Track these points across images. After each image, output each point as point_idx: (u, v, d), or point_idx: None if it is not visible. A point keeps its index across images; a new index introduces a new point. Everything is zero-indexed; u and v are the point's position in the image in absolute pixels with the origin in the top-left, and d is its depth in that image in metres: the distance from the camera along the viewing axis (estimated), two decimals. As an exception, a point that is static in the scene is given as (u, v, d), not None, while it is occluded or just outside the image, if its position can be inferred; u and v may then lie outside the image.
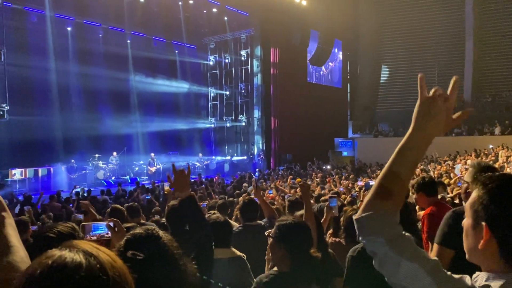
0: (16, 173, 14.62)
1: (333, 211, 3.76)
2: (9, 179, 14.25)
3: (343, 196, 7.88)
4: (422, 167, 15.22)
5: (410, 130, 1.16)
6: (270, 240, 2.27)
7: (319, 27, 24.77)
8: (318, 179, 13.82)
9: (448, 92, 1.15)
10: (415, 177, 3.88)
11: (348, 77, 30.79)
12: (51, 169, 15.76)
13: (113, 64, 19.13)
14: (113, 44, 19.48)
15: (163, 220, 4.59)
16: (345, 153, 25.47)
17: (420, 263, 1.05)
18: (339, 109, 27.90)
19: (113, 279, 0.76)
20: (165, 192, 7.67)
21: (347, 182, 12.22)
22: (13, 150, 15.17)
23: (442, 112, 1.14)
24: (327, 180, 12.53)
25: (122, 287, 0.78)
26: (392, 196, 1.13)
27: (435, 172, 12.46)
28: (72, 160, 16.53)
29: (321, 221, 3.40)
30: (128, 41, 20.53)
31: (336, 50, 28.16)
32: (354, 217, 1.18)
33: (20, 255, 1.08)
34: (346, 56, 29.64)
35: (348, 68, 30.83)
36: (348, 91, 30.80)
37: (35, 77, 16.43)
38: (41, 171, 15.46)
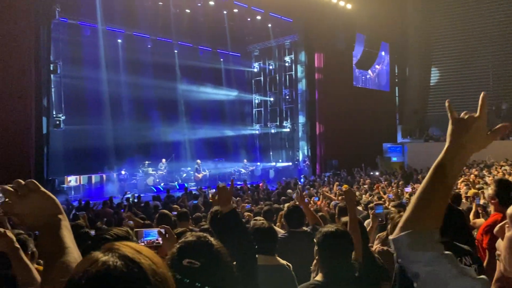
0: (71, 180, 15.33)
1: (379, 218, 3.63)
2: (65, 185, 14.94)
3: (391, 204, 7.62)
4: (476, 172, 14.49)
5: (447, 145, 1.16)
6: (315, 248, 2.24)
7: (365, 30, 24.32)
8: (366, 186, 13.47)
9: (478, 111, 1.16)
10: (470, 185, 3.70)
11: (396, 80, 29.95)
12: (104, 176, 16.42)
13: (161, 73, 19.76)
14: (161, 54, 20.10)
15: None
16: (394, 159, 24.71)
17: (470, 283, 0.99)
18: (387, 113, 27.16)
19: (155, 286, 0.76)
20: (210, 199, 7.76)
21: (396, 188, 11.82)
22: (69, 158, 15.92)
23: (474, 129, 1.14)
24: (375, 186, 12.19)
25: None
26: (432, 212, 1.09)
27: (489, 179, 11.77)
28: (123, 171, 17.08)
29: (368, 228, 3.30)
30: (175, 51, 21.11)
31: (383, 53, 27.51)
32: (390, 237, 1.11)
33: (74, 256, 1.11)
34: (393, 59, 28.87)
35: (396, 71, 30.00)
36: (397, 94, 29.94)
37: (88, 88, 17.25)
38: (94, 178, 16.14)
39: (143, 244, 2.38)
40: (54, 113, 14.57)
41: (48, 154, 13.51)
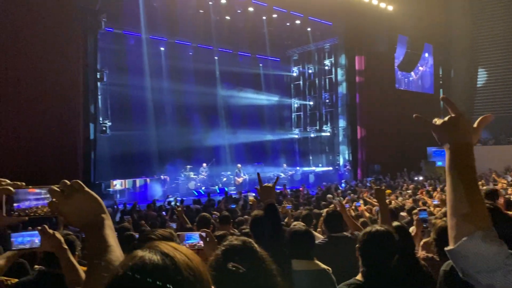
0: (117, 184, 15.86)
1: (424, 224, 3.52)
2: (110, 189, 15.47)
3: (436, 209, 7.37)
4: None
5: (447, 151, 1.22)
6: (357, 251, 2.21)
7: (407, 32, 23.72)
8: (409, 191, 13.08)
9: (451, 111, 1.25)
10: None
11: (441, 82, 28.97)
12: (147, 179, 16.88)
13: (202, 79, 20.18)
14: (202, 61, 20.51)
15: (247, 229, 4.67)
16: (439, 163, 23.81)
17: None
18: (432, 116, 25.84)
19: (187, 278, 0.81)
20: (250, 203, 7.81)
21: (442, 194, 11.41)
22: (114, 162, 16.48)
23: (462, 125, 1.22)
24: (419, 191, 11.82)
25: (196, 286, 0.82)
26: (475, 211, 1.06)
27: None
28: (164, 176, 17.46)
29: (413, 234, 3.21)
30: (216, 57, 21.46)
31: (426, 54, 26.71)
32: (447, 250, 1.04)
33: (116, 254, 1.15)
34: (437, 60, 27.95)
35: (440, 73, 29.01)
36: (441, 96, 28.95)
37: (132, 95, 17.84)
38: (139, 182, 16.62)
39: (186, 247, 2.44)
40: (100, 119, 15.16)
41: (95, 159, 14.04)
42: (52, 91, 12.54)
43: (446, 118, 1.24)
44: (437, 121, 1.26)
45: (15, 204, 1.23)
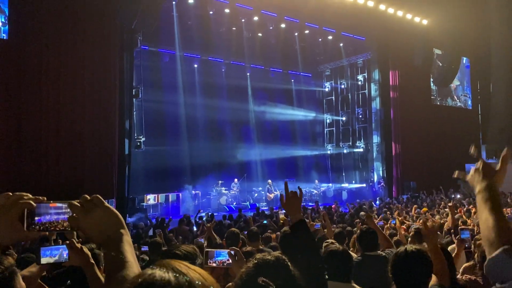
0: (150, 198, 16.10)
1: (466, 244, 3.32)
2: (144, 203, 15.72)
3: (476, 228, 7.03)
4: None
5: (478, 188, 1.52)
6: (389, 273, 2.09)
7: (443, 46, 23.21)
8: (447, 209, 12.58)
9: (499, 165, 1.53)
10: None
11: (479, 97, 28.06)
12: (180, 194, 17.04)
13: (234, 95, 20.41)
14: (234, 77, 20.76)
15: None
16: (478, 181, 22.94)
17: None
18: (470, 132, 25.42)
19: None
20: (281, 221, 7.70)
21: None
22: (148, 177, 16.76)
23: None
24: (458, 210, 11.35)
25: None
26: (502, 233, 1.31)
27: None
28: (196, 191, 17.59)
29: (454, 254, 3.03)
30: (248, 73, 21.68)
31: (463, 68, 26.00)
32: (488, 258, 1.16)
33: (133, 270, 1.13)
34: (475, 74, 27.14)
35: (478, 88, 28.12)
36: (479, 112, 27.99)
37: (166, 111, 18.19)
38: (171, 197, 16.81)
39: (214, 264, 2.41)
40: (135, 135, 15.50)
41: (129, 173, 14.31)
42: (90, 107, 12.96)
43: (473, 170, 1.58)
44: (467, 176, 1.61)
45: (36, 218, 1.23)
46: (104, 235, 1.20)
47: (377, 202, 17.92)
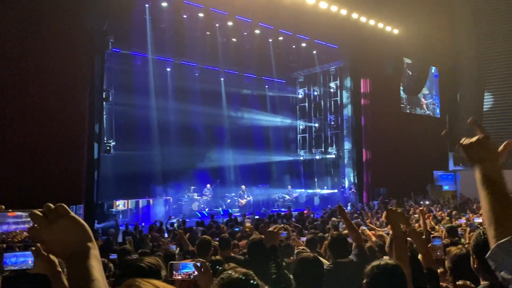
0: (120, 204, 15.73)
1: (437, 252, 3.33)
2: (113, 209, 15.34)
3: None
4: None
5: (478, 167, 1.36)
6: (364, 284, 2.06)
7: (413, 55, 23.82)
8: (416, 215, 12.83)
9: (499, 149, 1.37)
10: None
11: (447, 105, 28.89)
12: (151, 200, 16.74)
13: (208, 100, 20.27)
14: (208, 82, 20.64)
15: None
16: (446, 187, 23.58)
17: None
18: (438, 140, 26.11)
19: None
20: (247, 229, 7.65)
21: (450, 219, 11.17)
22: (118, 182, 16.39)
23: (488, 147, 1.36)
24: (426, 216, 11.57)
25: None
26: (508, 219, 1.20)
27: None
28: (168, 197, 17.30)
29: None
30: (222, 78, 21.60)
31: (432, 78, 26.73)
32: (492, 247, 1.12)
33: None
34: (444, 83, 27.95)
35: (447, 96, 28.96)
36: (447, 120, 28.82)
37: (137, 115, 17.88)
38: (142, 202, 16.48)
39: (180, 276, 2.33)
40: (105, 139, 15.14)
41: (99, 179, 13.96)
42: (58, 110, 12.57)
43: (474, 139, 1.37)
44: (465, 140, 1.39)
45: None
46: (69, 249, 1.08)
47: (348, 207, 18.11)
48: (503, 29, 27.20)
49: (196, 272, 2.28)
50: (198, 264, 2.26)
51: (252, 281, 1.40)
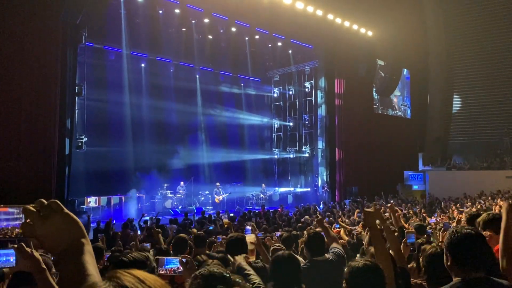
0: (91, 201, 15.42)
1: (411, 248, 3.45)
2: (84, 206, 15.03)
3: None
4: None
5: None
6: (343, 284, 2.12)
7: (385, 57, 24.32)
8: (387, 214, 13.13)
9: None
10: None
11: (417, 107, 29.66)
12: (123, 197, 16.49)
13: (182, 97, 20.11)
14: (183, 78, 20.46)
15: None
16: (415, 187, 24.23)
17: None
18: (408, 140, 26.80)
19: None
20: (225, 225, 7.72)
21: (419, 217, 11.49)
22: (89, 179, 16.07)
23: None
24: (397, 214, 11.85)
25: None
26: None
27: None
28: (140, 194, 17.08)
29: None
30: (197, 75, 21.48)
31: (404, 79, 27.37)
32: None
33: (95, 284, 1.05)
34: (414, 85, 28.68)
35: (417, 98, 29.73)
36: (417, 121, 29.59)
37: (110, 110, 17.57)
38: (113, 200, 16.21)
39: (164, 271, 2.33)
40: (77, 134, 14.81)
41: (69, 175, 13.65)
42: (28, 104, 12.24)
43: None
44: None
45: None
46: (62, 245, 1.09)
47: (321, 206, 18.37)
48: (473, 31, 28.11)
49: (181, 268, 2.29)
50: (184, 260, 2.28)
51: (228, 276, 1.50)
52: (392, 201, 18.50)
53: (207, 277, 1.50)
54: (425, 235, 6.25)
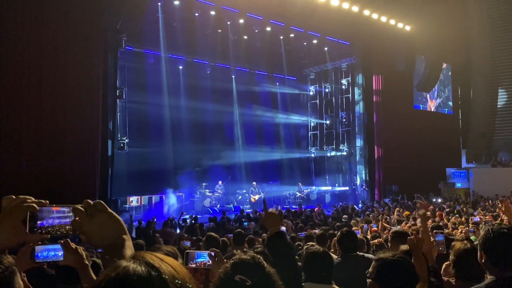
0: (133, 200, 15.92)
1: (439, 247, 3.38)
2: (127, 205, 15.55)
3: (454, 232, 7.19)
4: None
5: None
6: (368, 281, 2.11)
7: (425, 52, 23.62)
8: (428, 213, 12.77)
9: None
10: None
11: (460, 102, 28.62)
12: (163, 196, 16.93)
13: (219, 98, 20.40)
14: (219, 79, 20.75)
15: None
16: (458, 185, 23.38)
17: None
18: (451, 137, 25.90)
19: None
20: (261, 221, 7.76)
21: (461, 217, 11.13)
22: (131, 179, 16.58)
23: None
24: (437, 214, 11.55)
25: None
26: None
27: None
28: (180, 194, 17.46)
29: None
30: (233, 76, 21.71)
31: (444, 74, 26.49)
32: None
33: None
34: (456, 80, 27.67)
35: (459, 93, 28.69)
36: (460, 117, 28.55)
37: (150, 112, 18.07)
38: (154, 198, 16.67)
39: (194, 265, 2.43)
40: (118, 136, 15.35)
41: (112, 175, 14.15)
42: (72, 108, 12.80)
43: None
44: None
45: (38, 222, 1.24)
46: (106, 240, 1.22)
47: (360, 205, 18.11)
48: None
49: (210, 262, 2.38)
50: (212, 253, 2.37)
51: (259, 262, 1.52)
52: (434, 201, 17.98)
53: (235, 264, 1.53)
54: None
